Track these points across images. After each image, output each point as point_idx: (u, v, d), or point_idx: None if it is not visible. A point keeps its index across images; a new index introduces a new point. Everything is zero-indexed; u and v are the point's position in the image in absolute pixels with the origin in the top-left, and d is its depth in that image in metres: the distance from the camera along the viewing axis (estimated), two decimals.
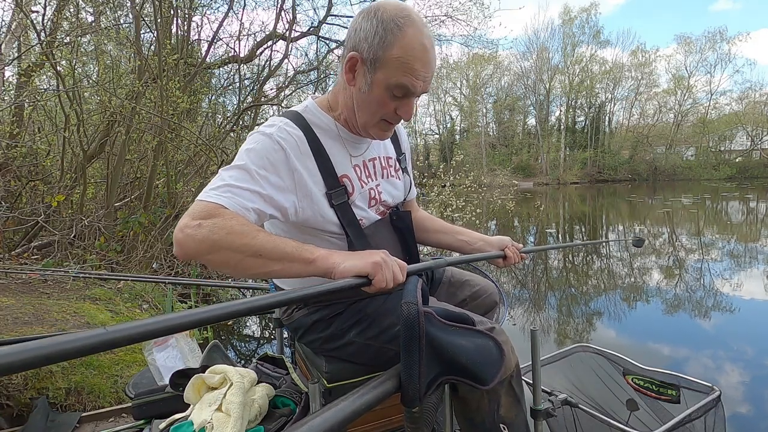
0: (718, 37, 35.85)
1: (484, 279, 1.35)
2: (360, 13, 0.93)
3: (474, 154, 34.38)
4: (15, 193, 4.64)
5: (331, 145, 0.99)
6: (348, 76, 0.93)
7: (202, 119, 7.54)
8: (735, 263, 6.34)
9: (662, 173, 34.48)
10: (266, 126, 0.95)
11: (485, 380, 0.85)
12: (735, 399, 2.66)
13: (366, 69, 0.90)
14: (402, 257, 1.09)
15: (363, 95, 0.93)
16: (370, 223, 1.05)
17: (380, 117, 0.96)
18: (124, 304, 3.17)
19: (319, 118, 1.01)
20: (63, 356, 0.42)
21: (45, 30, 4.55)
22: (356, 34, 0.90)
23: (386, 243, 1.07)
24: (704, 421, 1.50)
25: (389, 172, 1.14)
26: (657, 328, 4.01)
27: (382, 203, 1.10)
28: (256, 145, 0.90)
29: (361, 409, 0.64)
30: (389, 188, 1.12)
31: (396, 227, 1.11)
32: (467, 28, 9.44)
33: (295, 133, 0.94)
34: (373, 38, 0.87)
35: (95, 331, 0.45)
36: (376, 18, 0.88)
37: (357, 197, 1.02)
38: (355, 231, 0.99)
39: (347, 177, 1.01)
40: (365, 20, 0.89)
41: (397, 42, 0.87)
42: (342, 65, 0.95)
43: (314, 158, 0.95)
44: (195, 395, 1.04)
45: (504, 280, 5.80)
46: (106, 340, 0.45)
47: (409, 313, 0.75)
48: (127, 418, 1.68)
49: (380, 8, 0.89)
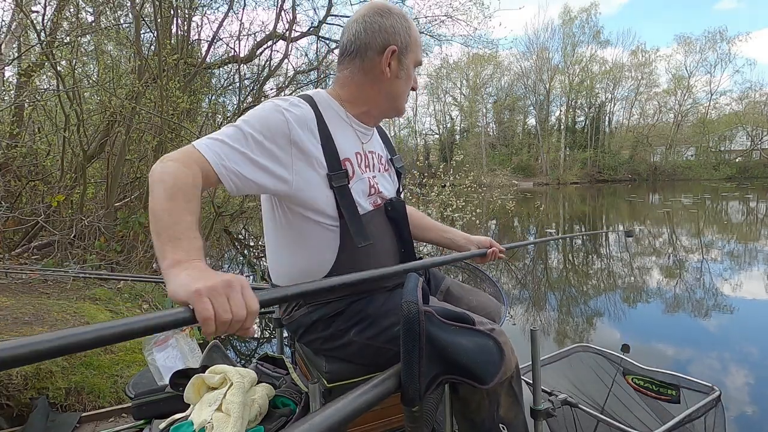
0: (718, 37, 35.88)
1: (485, 294, 1.34)
2: (368, 14, 1.03)
3: (474, 154, 34.35)
4: (15, 193, 4.64)
5: (336, 129, 1.02)
6: (386, 70, 1.03)
7: (202, 119, 7.53)
8: (734, 263, 6.34)
9: (662, 173, 34.48)
10: (278, 98, 0.97)
11: (485, 380, 0.85)
12: (735, 399, 2.66)
13: (402, 56, 1.05)
14: (397, 247, 1.12)
15: (399, 80, 1.06)
16: (365, 212, 1.04)
17: (408, 92, 1.11)
18: (124, 304, 3.17)
19: (328, 103, 1.05)
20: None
21: (45, 30, 4.55)
22: (382, 31, 1.02)
23: (381, 232, 1.08)
24: (704, 421, 1.50)
25: (384, 168, 1.18)
26: (657, 328, 4.01)
27: (379, 194, 1.11)
28: (262, 111, 0.93)
29: (361, 408, 0.64)
30: (384, 182, 1.15)
31: (390, 218, 1.12)
32: (467, 28, 9.46)
33: (304, 109, 0.97)
34: (401, 29, 1.03)
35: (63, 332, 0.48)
36: (392, 14, 1.03)
37: (357, 183, 1.04)
38: (352, 215, 0.99)
39: (349, 161, 1.03)
40: (384, 18, 1.02)
41: (411, 28, 1.06)
42: (369, 62, 1.03)
43: (319, 138, 0.97)
44: (195, 395, 1.04)
45: (504, 280, 5.81)
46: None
47: (409, 311, 0.75)
48: (127, 418, 1.68)
49: (386, 7, 1.04)
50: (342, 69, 1.07)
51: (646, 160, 36.06)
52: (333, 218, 1.00)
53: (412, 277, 0.86)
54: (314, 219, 0.99)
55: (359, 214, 1.01)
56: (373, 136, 1.15)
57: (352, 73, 1.05)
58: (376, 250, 1.05)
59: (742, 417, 2.47)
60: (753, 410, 2.54)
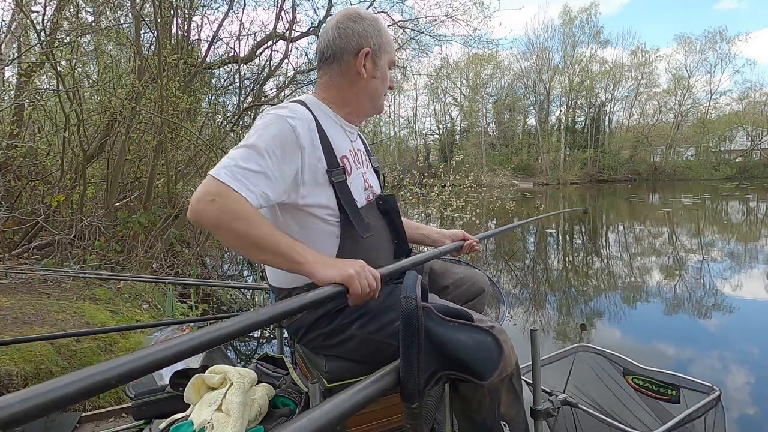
0: (718, 37, 35.85)
1: (468, 267, 1.40)
2: (341, 20, 1.09)
3: (474, 154, 34.33)
4: (15, 193, 4.64)
5: (330, 129, 1.07)
6: (362, 71, 1.09)
7: (202, 119, 7.53)
8: (734, 263, 6.34)
9: (662, 173, 34.47)
10: (277, 107, 1.02)
11: (483, 375, 0.86)
12: (735, 399, 2.66)
13: (376, 58, 1.11)
14: (392, 239, 1.17)
15: (375, 80, 1.12)
16: (362, 206, 1.09)
17: (385, 91, 1.18)
18: (124, 304, 3.17)
19: (318, 106, 1.11)
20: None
21: (45, 30, 4.55)
22: (355, 35, 1.08)
23: (376, 225, 1.12)
24: (704, 421, 1.50)
25: (368, 164, 1.24)
26: (657, 328, 4.01)
27: (371, 189, 1.16)
28: (269, 124, 0.96)
29: (360, 404, 0.64)
30: (372, 178, 1.21)
31: (382, 211, 1.16)
32: (467, 28, 9.46)
33: (303, 113, 1.02)
34: (373, 32, 1.09)
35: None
36: (364, 19, 1.10)
37: (353, 178, 1.09)
38: (352, 209, 1.04)
39: (346, 158, 1.08)
40: (355, 23, 1.08)
41: (382, 31, 1.12)
42: (346, 65, 1.09)
43: (319, 137, 1.02)
44: (195, 395, 1.05)
45: (504, 280, 5.81)
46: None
47: (407, 307, 0.77)
48: (127, 418, 1.68)
49: (357, 11, 1.12)
50: (322, 74, 1.14)
51: (646, 160, 36.05)
52: (334, 213, 1.04)
53: (411, 274, 0.87)
54: (316, 214, 1.03)
55: (358, 207, 1.06)
56: (357, 135, 1.22)
57: (331, 77, 1.12)
58: (374, 242, 1.09)
59: (742, 417, 2.47)
60: (753, 410, 2.54)
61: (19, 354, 1.99)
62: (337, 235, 1.05)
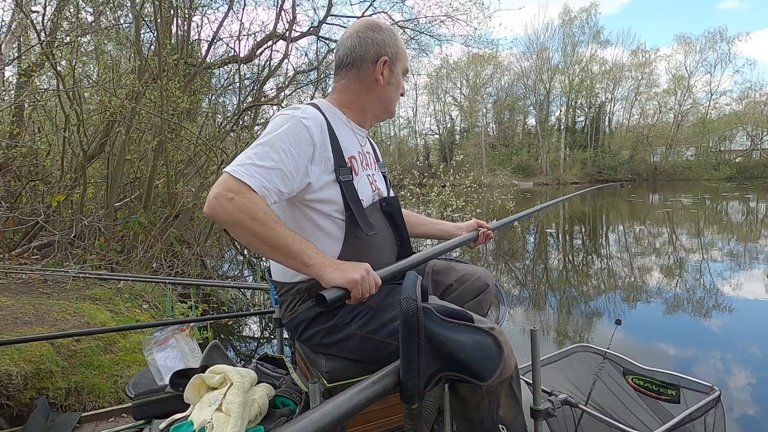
0: (719, 37, 35.86)
1: (470, 265, 1.41)
2: (361, 29, 1.15)
3: (474, 154, 34.32)
4: (15, 193, 4.64)
5: (340, 131, 1.12)
6: (379, 78, 1.16)
7: (202, 119, 7.53)
8: (735, 263, 6.34)
9: (662, 173, 34.47)
10: (291, 108, 1.06)
11: (484, 376, 0.86)
12: (735, 399, 2.66)
13: (392, 66, 1.17)
14: (394, 239, 1.20)
15: (390, 87, 1.19)
16: (367, 206, 1.12)
17: (398, 97, 1.24)
18: (124, 304, 3.17)
19: (331, 110, 1.15)
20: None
21: (45, 30, 4.55)
22: (375, 44, 1.15)
23: (380, 225, 1.15)
24: (704, 421, 1.50)
25: (376, 167, 1.28)
26: (657, 328, 4.01)
27: (378, 191, 1.19)
28: (283, 123, 1.00)
29: (360, 404, 0.64)
30: (380, 180, 1.24)
31: (386, 212, 1.19)
32: (467, 28, 9.49)
33: (316, 114, 1.06)
34: (391, 42, 1.16)
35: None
36: (382, 29, 1.17)
37: (360, 179, 1.13)
38: (357, 207, 1.07)
39: (354, 159, 1.13)
40: (375, 33, 1.15)
41: (399, 41, 1.19)
42: (365, 72, 1.15)
43: (329, 138, 1.07)
44: (195, 395, 1.05)
45: (504, 280, 5.81)
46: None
47: (407, 308, 0.77)
48: (127, 418, 1.68)
49: (376, 22, 1.19)
50: (339, 79, 1.19)
51: (646, 160, 36.04)
52: (340, 210, 1.07)
53: (411, 275, 0.88)
54: (323, 210, 1.06)
55: (363, 206, 1.09)
56: (366, 139, 1.26)
57: (349, 82, 1.17)
58: (378, 240, 1.12)
59: (743, 417, 2.47)
60: (753, 410, 2.54)
61: (19, 354, 1.99)
62: (341, 232, 1.07)
